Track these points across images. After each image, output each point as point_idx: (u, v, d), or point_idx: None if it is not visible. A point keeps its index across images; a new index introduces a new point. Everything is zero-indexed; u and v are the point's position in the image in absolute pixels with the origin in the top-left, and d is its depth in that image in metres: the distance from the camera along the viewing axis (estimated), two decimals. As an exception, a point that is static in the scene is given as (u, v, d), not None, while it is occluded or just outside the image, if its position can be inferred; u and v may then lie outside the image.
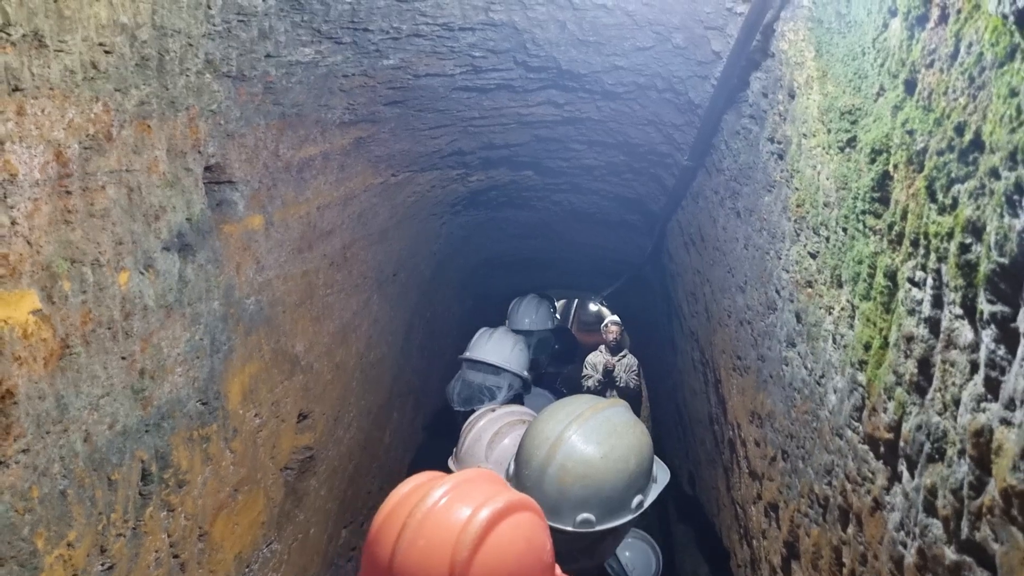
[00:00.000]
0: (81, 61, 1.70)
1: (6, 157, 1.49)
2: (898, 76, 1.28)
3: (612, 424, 2.23)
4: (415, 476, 1.75)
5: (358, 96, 2.99)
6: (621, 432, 2.22)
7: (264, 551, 2.69)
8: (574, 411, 2.25)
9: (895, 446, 1.27)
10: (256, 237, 2.63)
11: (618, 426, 2.23)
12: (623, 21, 2.59)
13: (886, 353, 1.32)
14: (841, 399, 1.56)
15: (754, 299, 2.42)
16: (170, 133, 2.10)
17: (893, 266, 1.30)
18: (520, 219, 5.69)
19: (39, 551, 1.58)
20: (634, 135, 3.55)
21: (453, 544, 1.50)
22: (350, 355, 3.70)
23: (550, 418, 2.26)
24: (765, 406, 2.26)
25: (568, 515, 2.16)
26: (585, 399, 2.37)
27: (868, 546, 1.40)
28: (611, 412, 2.27)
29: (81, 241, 1.73)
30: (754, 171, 2.40)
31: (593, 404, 2.29)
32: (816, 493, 1.73)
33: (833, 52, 1.64)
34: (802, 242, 1.88)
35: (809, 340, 1.81)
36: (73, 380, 1.70)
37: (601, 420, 2.22)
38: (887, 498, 1.31)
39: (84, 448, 1.74)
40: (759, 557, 2.39)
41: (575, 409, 2.27)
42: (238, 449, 2.46)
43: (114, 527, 1.84)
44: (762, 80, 2.23)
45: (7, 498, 1.50)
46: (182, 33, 2.07)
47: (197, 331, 2.23)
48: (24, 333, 1.55)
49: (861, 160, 1.47)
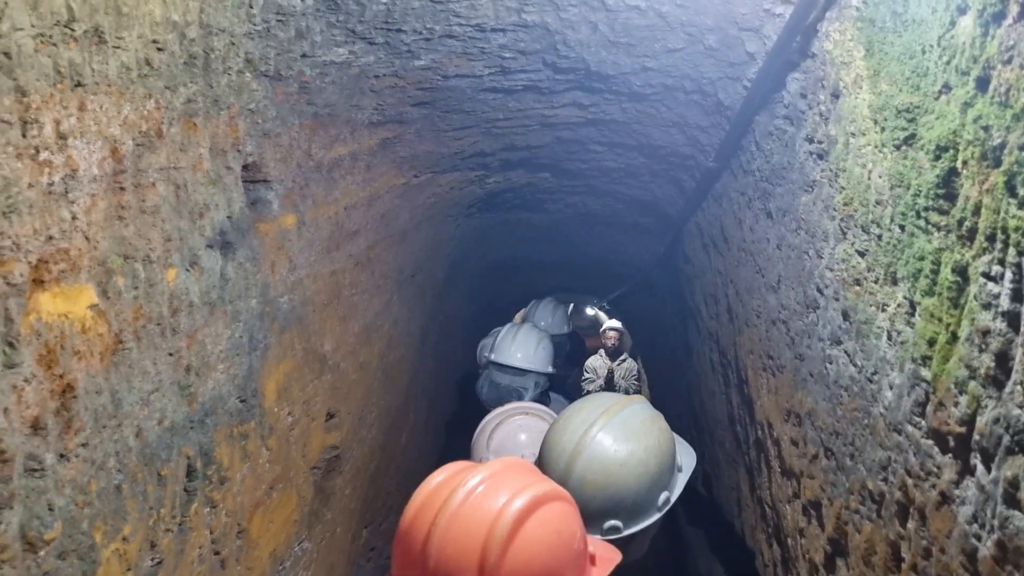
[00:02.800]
0: (136, 58, 1.71)
1: (69, 152, 1.50)
2: (969, 73, 1.30)
3: (630, 427, 2.18)
4: (448, 466, 1.74)
5: (387, 96, 3.00)
6: (640, 433, 2.18)
7: (296, 549, 2.69)
8: (590, 417, 2.21)
9: (967, 440, 1.28)
10: (289, 236, 2.63)
11: (636, 428, 2.18)
12: (655, 23, 2.60)
13: (955, 348, 1.33)
14: (899, 395, 1.57)
15: (790, 298, 2.43)
16: (213, 131, 2.11)
17: (963, 261, 1.31)
18: (533, 222, 5.71)
19: (97, 545, 1.58)
20: (657, 137, 3.57)
21: (486, 533, 1.50)
22: (372, 355, 3.71)
23: (566, 427, 2.22)
24: (804, 404, 2.27)
25: (595, 524, 2.13)
26: (598, 402, 2.30)
27: (933, 540, 1.41)
28: (627, 413, 2.22)
29: (133, 237, 1.73)
30: (789, 172, 2.42)
31: (606, 408, 2.24)
32: (869, 489, 1.74)
33: (887, 51, 1.65)
34: (849, 240, 1.90)
35: (858, 337, 1.82)
36: (126, 375, 1.71)
37: (619, 422, 2.18)
38: (956, 492, 1.32)
39: (136, 443, 1.74)
40: (795, 556, 2.40)
41: (591, 415, 2.22)
42: (273, 447, 2.47)
43: (163, 522, 1.84)
44: (800, 81, 2.25)
45: (68, 492, 1.50)
46: (226, 32, 2.08)
47: (237, 328, 2.23)
48: (83, 328, 1.56)
49: (922, 157, 1.48)
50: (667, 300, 5.96)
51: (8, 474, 1.34)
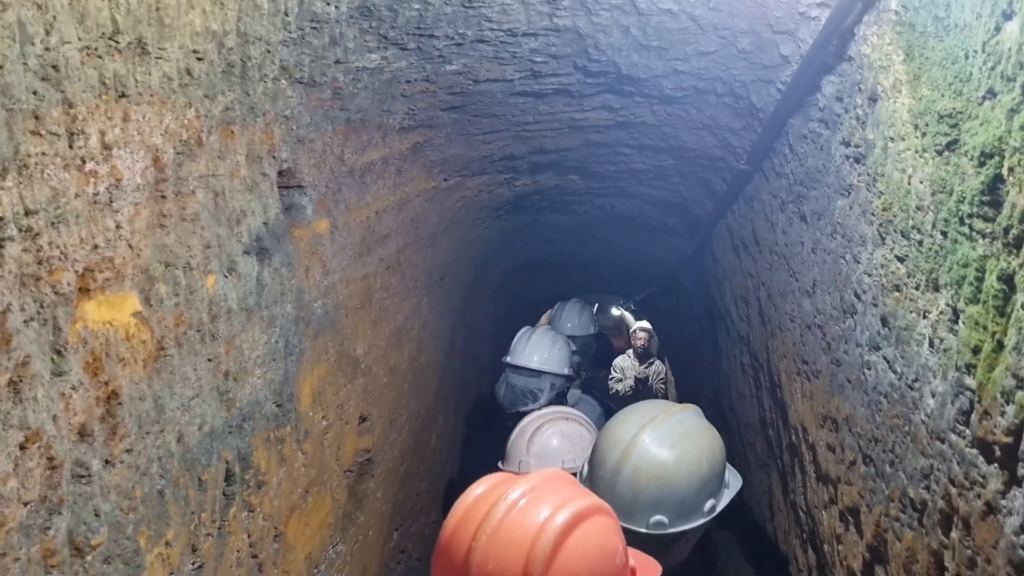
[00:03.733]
0: (177, 68, 1.73)
1: (113, 163, 1.52)
2: (1015, 79, 1.28)
3: (685, 427, 2.24)
4: (486, 478, 1.74)
5: (419, 101, 3.01)
6: (694, 435, 2.24)
7: (330, 552, 2.71)
8: (647, 415, 2.27)
9: (1014, 450, 1.27)
10: (323, 241, 2.65)
11: (691, 430, 2.25)
12: (687, 26, 2.59)
13: (1000, 356, 1.32)
14: (942, 403, 1.55)
15: (825, 303, 2.41)
16: (250, 138, 2.13)
17: (1009, 269, 1.29)
18: (560, 223, 5.71)
19: (141, 549, 1.60)
20: (687, 139, 3.56)
21: (529, 549, 1.50)
22: (403, 358, 3.73)
23: (623, 422, 2.28)
24: (841, 410, 2.25)
25: (641, 517, 2.17)
26: (657, 403, 2.39)
27: (979, 550, 1.39)
28: (684, 416, 2.29)
29: (174, 245, 1.76)
30: (824, 175, 2.40)
31: (666, 408, 2.31)
32: (910, 497, 1.72)
33: (928, 56, 1.64)
34: (888, 246, 1.88)
35: (898, 344, 1.81)
36: (168, 381, 1.73)
37: (674, 423, 2.24)
38: (1003, 502, 1.31)
39: (178, 449, 1.76)
40: (831, 562, 2.38)
41: (648, 413, 2.28)
42: (309, 451, 2.49)
43: (204, 526, 1.87)
44: (836, 84, 2.23)
45: (114, 497, 1.52)
46: (262, 40, 2.10)
47: (273, 334, 2.25)
48: (127, 335, 1.58)
49: (965, 164, 1.47)
50: (694, 301, 5.94)
51: (57, 480, 1.36)
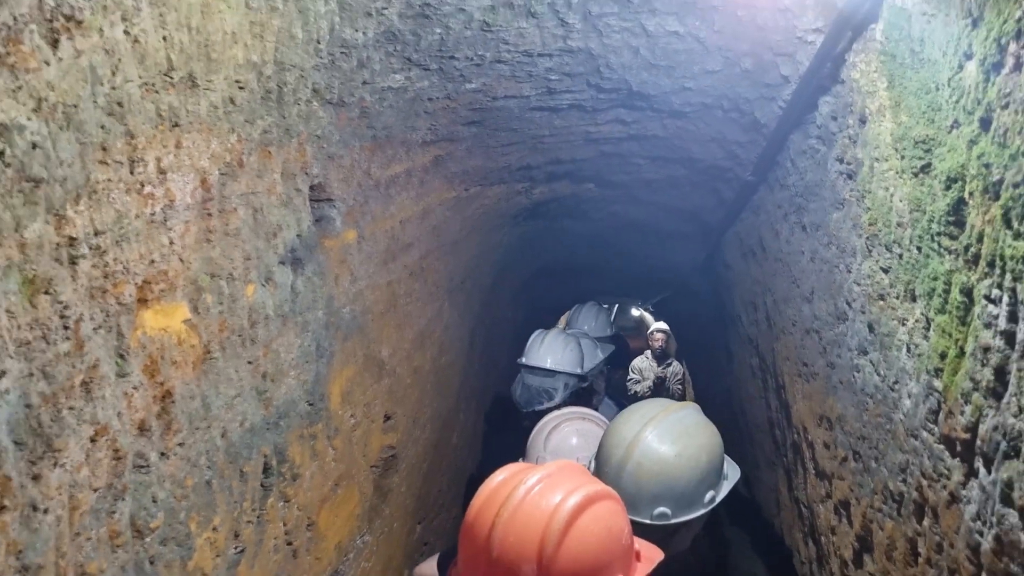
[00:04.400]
0: (222, 97, 1.91)
1: (168, 185, 1.70)
2: (973, 113, 1.43)
3: (685, 425, 2.39)
4: (507, 467, 1.93)
5: (440, 118, 3.18)
6: (693, 432, 2.38)
7: (358, 542, 2.89)
8: (649, 413, 2.42)
9: (972, 445, 1.42)
10: (351, 250, 2.83)
11: (690, 427, 2.40)
12: (694, 47, 2.75)
13: (962, 362, 1.47)
14: (916, 403, 1.70)
15: (822, 309, 2.56)
16: (285, 158, 2.31)
17: (969, 284, 1.44)
18: (576, 229, 5.87)
19: (192, 533, 1.78)
20: (696, 151, 3.71)
21: (544, 527, 1.67)
22: (425, 360, 3.90)
23: (627, 420, 2.44)
24: (835, 410, 2.40)
25: (645, 509, 2.32)
26: (659, 402, 2.54)
27: (944, 536, 1.55)
28: (684, 413, 2.44)
29: (219, 258, 1.93)
30: (821, 189, 2.55)
31: (666, 406, 2.46)
32: (891, 490, 1.88)
33: (906, 85, 1.79)
34: (874, 258, 2.03)
35: (882, 349, 1.96)
36: (213, 382, 1.91)
37: (674, 421, 2.39)
38: (963, 492, 1.46)
39: (223, 443, 1.94)
40: (827, 553, 2.53)
41: (650, 411, 2.44)
42: (338, 447, 2.66)
43: (245, 515, 2.04)
44: (831, 104, 2.38)
45: (168, 486, 1.70)
46: (296, 67, 2.27)
47: (306, 338, 2.43)
48: (178, 340, 1.76)
49: (936, 186, 1.62)
50: (707, 304, 6.08)
51: (121, 470, 1.54)
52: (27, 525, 1.28)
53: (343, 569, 2.75)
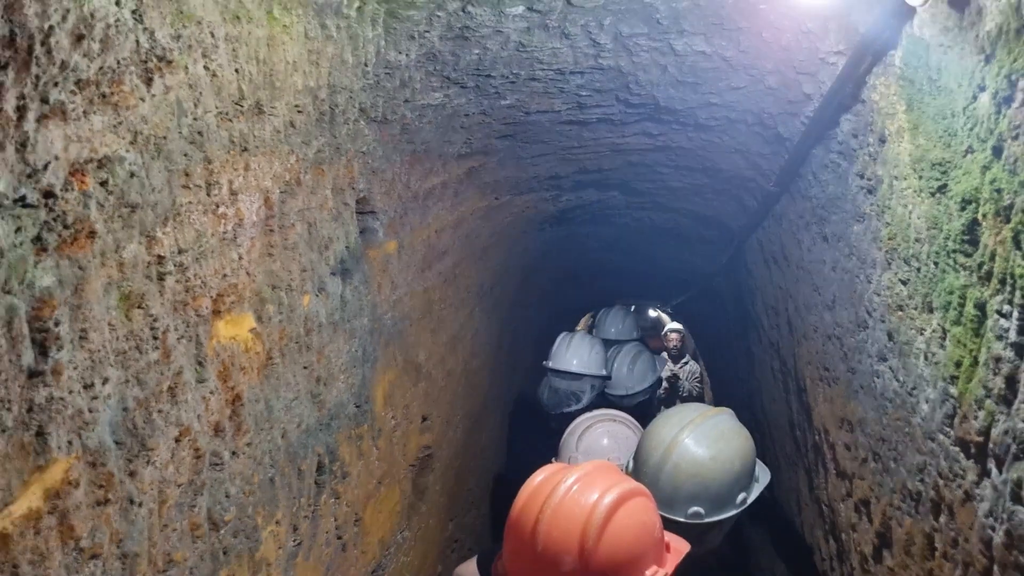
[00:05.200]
0: (284, 122, 2.05)
1: (238, 205, 1.84)
2: (987, 141, 1.55)
3: (720, 429, 2.53)
4: (545, 467, 2.07)
5: (475, 132, 3.32)
6: (728, 436, 2.52)
7: (398, 537, 3.04)
8: (686, 417, 2.56)
9: (984, 447, 1.54)
10: (391, 260, 2.97)
11: (726, 431, 2.53)
12: (720, 65, 2.88)
13: (976, 370, 1.59)
14: (933, 408, 1.83)
15: (843, 317, 2.68)
16: (335, 174, 2.46)
17: (982, 299, 1.57)
18: (601, 234, 6.01)
19: (259, 526, 1.93)
20: (720, 162, 3.83)
21: (584, 522, 1.82)
22: (457, 363, 4.05)
23: (665, 423, 2.57)
24: (856, 413, 2.53)
25: (680, 508, 2.45)
26: (695, 407, 2.67)
27: (959, 532, 1.67)
28: (719, 419, 2.57)
29: (279, 270, 2.08)
30: (843, 202, 2.67)
31: (703, 411, 2.59)
32: (909, 489, 2.00)
33: (924, 110, 1.91)
34: (893, 270, 2.15)
35: (900, 356, 2.08)
36: (275, 386, 2.05)
37: (711, 425, 2.52)
38: (977, 491, 1.58)
39: (283, 443, 2.08)
40: (848, 549, 2.65)
41: (687, 415, 2.57)
42: (382, 447, 2.81)
43: (302, 510, 2.19)
44: (852, 122, 2.50)
45: (238, 483, 1.85)
46: (346, 89, 2.42)
47: (353, 344, 2.57)
48: (246, 348, 1.90)
49: (951, 206, 1.74)
50: (729, 308, 6.19)
51: (200, 467, 1.68)
52: (125, 516, 1.42)
53: (385, 563, 2.90)
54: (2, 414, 1.12)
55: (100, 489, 1.35)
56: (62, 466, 1.25)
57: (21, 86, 1.13)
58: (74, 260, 1.28)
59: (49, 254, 1.22)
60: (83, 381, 1.30)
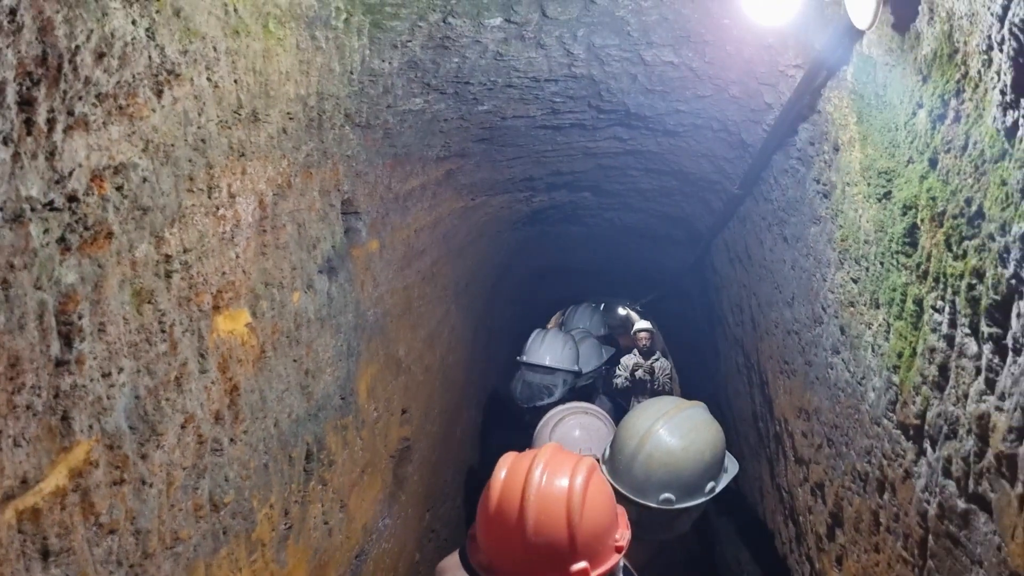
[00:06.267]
0: (277, 128, 2.17)
1: (236, 207, 1.96)
2: (924, 153, 1.72)
3: (693, 421, 2.68)
4: (504, 458, 2.20)
5: (454, 136, 3.46)
6: (700, 428, 2.68)
7: (380, 524, 3.16)
8: (661, 409, 2.71)
9: (921, 429, 1.71)
10: (374, 258, 3.10)
11: (698, 423, 2.69)
12: (687, 75, 3.03)
13: (914, 360, 1.76)
14: (879, 396, 2.00)
15: (801, 313, 2.85)
16: (322, 177, 2.58)
17: (920, 295, 1.73)
18: (572, 233, 6.16)
19: (255, 509, 2.05)
20: (688, 165, 4.00)
21: (567, 500, 1.96)
22: (435, 359, 4.18)
23: (641, 414, 2.72)
24: (812, 403, 2.70)
25: (652, 494, 2.60)
26: (671, 400, 2.82)
27: (900, 507, 1.84)
28: (693, 411, 2.73)
29: (272, 269, 2.20)
30: (801, 205, 2.84)
31: (678, 404, 2.75)
32: (858, 470, 2.17)
33: (872, 122, 2.08)
34: (845, 269, 2.32)
35: (851, 349, 2.25)
36: (268, 378, 2.17)
37: (684, 417, 2.68)
38: (915, 468, 1.75)
39: (275, 431, 2.21)
40: (805, 531, 2.83)
41: (662, 408, 2.72)
42: (365, 437, 2.94)
43: (292, 495, 2.31)
44: (809, 131, 2.67)
45: (236, 467, 1.97)
46: (333, 96, 2.54)
47: (339, 339, 2.70)
48: (242, 341, 2.02)
49: (895, 211, 1.90)
50: (696, 305, 6.38)
51: (202, 452, 1.80)
52: (138, 496, 1.55)
53: (367, 548, 3.03)
54: (34, 399, 1.24)
55: (117, 470, 1.47)
56: (84, 448, 1.36)
57: (51, 100, 1.25)
58: (94, 259, 1.40)
59: (72, 253, 1.33)
60: (102, 370, 1.41)
